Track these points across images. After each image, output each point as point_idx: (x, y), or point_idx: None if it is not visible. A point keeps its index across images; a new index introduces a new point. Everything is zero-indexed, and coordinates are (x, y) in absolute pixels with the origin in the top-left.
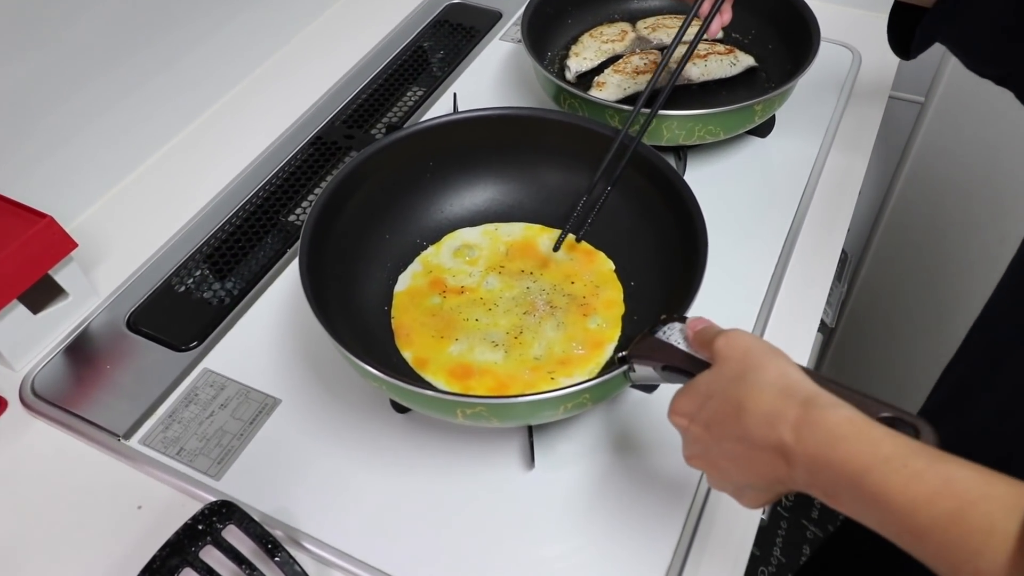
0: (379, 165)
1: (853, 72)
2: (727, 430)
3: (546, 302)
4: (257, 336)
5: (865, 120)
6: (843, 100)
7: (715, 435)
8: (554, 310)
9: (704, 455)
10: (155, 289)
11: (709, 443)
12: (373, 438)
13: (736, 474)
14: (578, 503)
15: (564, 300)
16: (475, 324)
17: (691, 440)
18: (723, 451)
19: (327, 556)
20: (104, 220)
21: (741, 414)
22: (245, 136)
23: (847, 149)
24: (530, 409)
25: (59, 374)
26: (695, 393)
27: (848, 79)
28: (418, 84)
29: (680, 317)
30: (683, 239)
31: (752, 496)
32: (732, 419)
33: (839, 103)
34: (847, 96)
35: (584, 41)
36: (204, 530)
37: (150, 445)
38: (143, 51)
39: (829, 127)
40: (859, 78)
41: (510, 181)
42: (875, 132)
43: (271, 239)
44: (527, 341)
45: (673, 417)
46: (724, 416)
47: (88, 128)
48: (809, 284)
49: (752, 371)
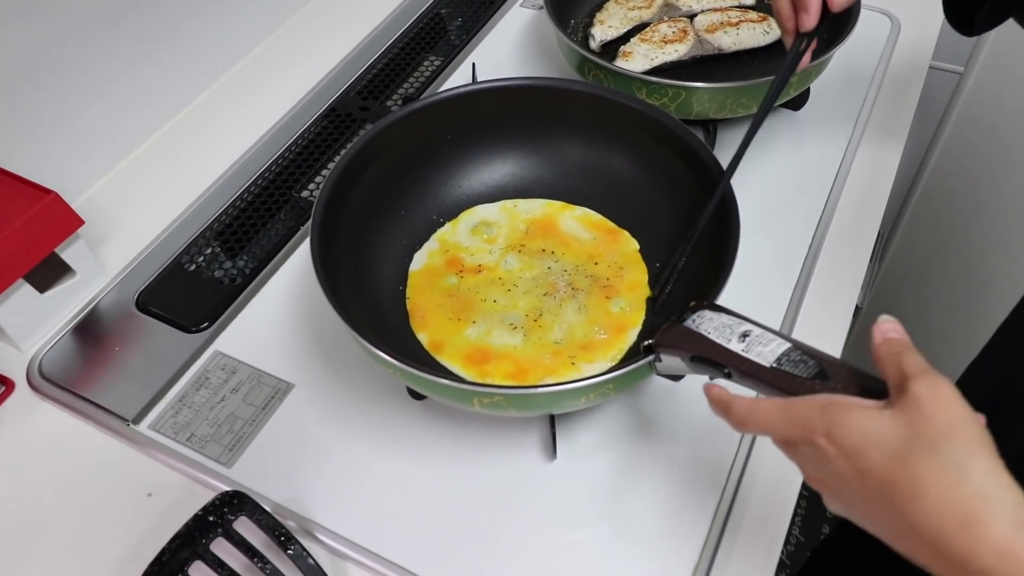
0: (394, 138)
1: (892, 41)
2: (887, 497)
3: (567, 283)
4: (270, 317)
5: (904, 92)
6: (881, 70)
7: (867, 488)
8: (576, 292)
9: (838, 492)
10: (165, 267)
11: (853, 488)
12: (389, 425)
13: (869, 525)
14: (602, 493)
15: (586, 282)
16: (493, 305)
17: (827, 469)
18: (868, 512)
19: (341, 548)
20: (111, 196)
21: (917, 494)
22: (257, 107)
23: (885, 123)
24: (550, 400)
25: (67, 355)
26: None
27: (887, 48)
28: (435, 53)
29: (712, 304)
30: (713, 219)
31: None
32: (900, 491)
33: (877, 74)
34: (885, 66)
35: (609, 8)
36: (215, 521)
37: (160, 431)
38: (150, 19)
39: (866, 100)
40: (898, 47)
41: (530, 155)
42: (914, 105)
43: (284, 215)
44: (547, 324)
45: (813, 435)
46: (890, 480)
47: (94, 100)
48: (845, 266)
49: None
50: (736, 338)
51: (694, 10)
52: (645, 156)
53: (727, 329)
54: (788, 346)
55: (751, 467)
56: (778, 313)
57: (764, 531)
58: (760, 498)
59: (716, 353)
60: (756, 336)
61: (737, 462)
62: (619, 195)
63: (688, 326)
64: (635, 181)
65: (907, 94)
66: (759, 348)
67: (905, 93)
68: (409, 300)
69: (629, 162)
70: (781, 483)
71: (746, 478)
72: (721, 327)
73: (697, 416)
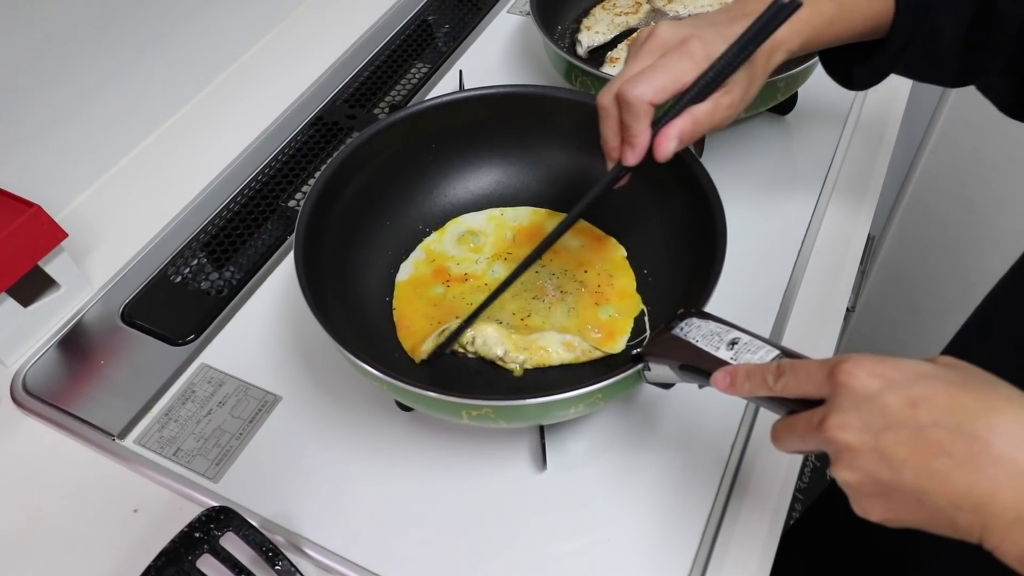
0: (378, 148)
1: None
2: (953, 418)
3: (556, 287)
4: (256, 329)
5: (893, 94)
6: None
7: (921, 419)
8: (564, 295)
9: (887, 447)
10: (150, 279)
11: (906, 425)
12: (377, 437)
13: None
14: (593, 502)
15: (575, 286)
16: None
17: (870, 410)
18: (924, 456)
19: (330, 563)
20: (96, 208)
21: (991, 410)
22: (242, 117)
23: (873, 126)
24: (539, 411)
25: (51, 370)
26: (895, 359)
27: None
28: (422, 60)
29: (699, 312)
30: (700, 225)
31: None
32: (970, 411)
33: None
34: None
35: (596, 14)
36: (201, 538)
37: (146, 445)
38: (133, 28)
39: (854, 103)
40: None
41: (517, 163)
42: (903, 108)
43: (271, 225)
44: (535, 325)
45: (838, 433)
46: (956, 402)
47: (77, 111)
48: (835, 270)
49: (1007, 385)
50: (724, 346)
51: (680, 15)
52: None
53: (715, 337)
54: (776, 353)
55: (743, 475)
56: (768, 317)
57: (756, 540)
58: (753, 507)
59: (705, 361)
60: (744, 344)
61: (728, 470)
62: (606, 202)
63: (676, 334)
64: (622, 188)
65: (895, 97)
66: (747, 356)
67: (893, 96)
68: (396, 311)
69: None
70: (774, 491)
71: (738, 486)
72: (709, 335)
73: (688, 423)
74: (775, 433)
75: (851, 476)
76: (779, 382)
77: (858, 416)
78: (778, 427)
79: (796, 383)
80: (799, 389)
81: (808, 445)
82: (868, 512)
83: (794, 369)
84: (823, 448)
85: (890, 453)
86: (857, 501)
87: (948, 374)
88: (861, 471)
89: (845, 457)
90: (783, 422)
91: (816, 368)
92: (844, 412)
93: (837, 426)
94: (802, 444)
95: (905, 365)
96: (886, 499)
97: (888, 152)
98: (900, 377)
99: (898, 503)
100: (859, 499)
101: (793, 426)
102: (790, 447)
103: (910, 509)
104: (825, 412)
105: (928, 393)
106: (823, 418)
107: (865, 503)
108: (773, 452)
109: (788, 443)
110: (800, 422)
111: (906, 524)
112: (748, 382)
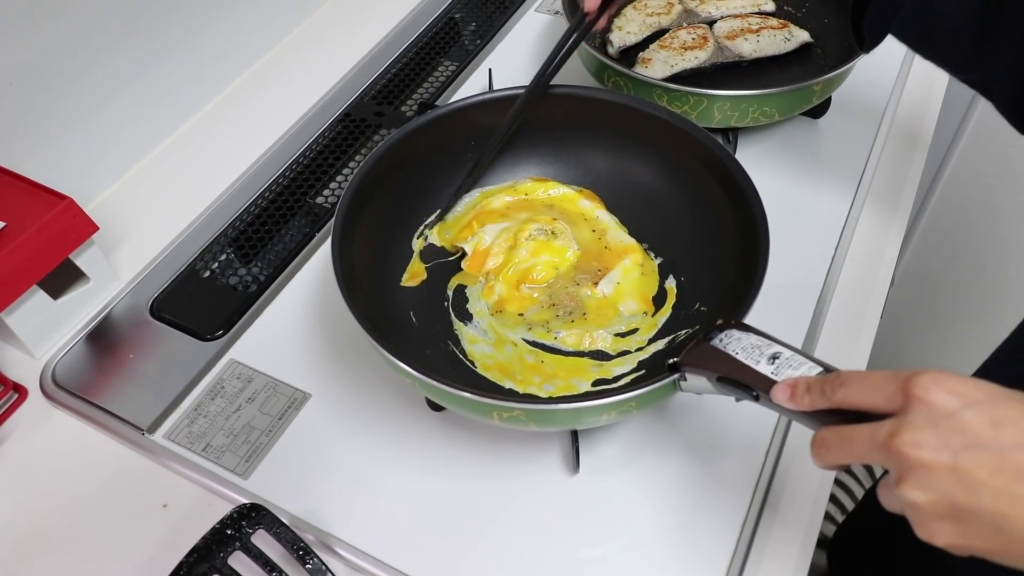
0: (417, 143)
1: None
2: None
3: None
4: (285, 325)
5: (927, 98)
6: (903, 76)
7: (1004, 439)
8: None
9: (967, 467)
10: (179, 274)
11: (988, 445)
12: (408, 436)
13: (1007, 505)
14: (625, 507)
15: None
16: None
17: (949, 429)
18: (1008, 476)
19: (360, 563)
20: (124, 201)
21: None
22: (270, 112)
23: (908, 131)
24: (571, 416)
25: (81, 363)
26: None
27: (907, 57)
28: (450, 58)
29: (739, 324)
30: (740, 233)
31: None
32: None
33: (899, 79)
34: (907, 71)
35: (627, 13)
36: (233, 535)
37: (175, 440)
38: (162, 23)
39: (888, 106)
40: (917, 56)
41: (555, 162)
42: (937, 111)
43: (298, 221)
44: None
45: (911, 449)
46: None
47: (107, 104)
48: (868, 279)
49: None
50: (765, 360)
51: (713, 16)
52: (669, 165)
53: (756, 350)
54: (820, 370)
55: (777, 483)
56: (801, 327)
57: (791, 549)
58: (787, 515)
59: (744, 375)
60: (786, 359)
61: (762, 480)
62: (643, 206)
63: (715, 345)
64: (660, 191)
65: (931, 99)
66: (789, 371)
67: (927, 101)
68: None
69: (654, 172)
70: (809, 500)
71: (771, 495)
72: (749, 348)
73: (721, 430)
74: (821, 442)
75: (921, 496)
76: (839, 392)
77: (935, 433)
78: (827, 437)
79: (861, 394)
80: (863, 400)
81: (865, 459)
82: (934, 536)
83: (859, 380)
84: (888, 464)
85: (969, 474)
86: (923, 524)
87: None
88: (935, 491)
89: (917, 476)
90: (834, 432)
91: (884, 380)
92: (919, 428)
93: (911, 443)
94: (857, 458)
95: (985, 385)
96: (958, 523)
97: (923, 158)
98: (981, 396)
99: (971, 528)
100: (926, 522)
101: (850, 438)
102: (838, 460)
103: (984, 535)
104: (895, 427)
105: (1012, 414)
106: (892, 432)
107: (933, 526)
108: (808, 463)
109: (838, 455)
110: (861, 434)
111: (975, 552)
112: (808, 395)
